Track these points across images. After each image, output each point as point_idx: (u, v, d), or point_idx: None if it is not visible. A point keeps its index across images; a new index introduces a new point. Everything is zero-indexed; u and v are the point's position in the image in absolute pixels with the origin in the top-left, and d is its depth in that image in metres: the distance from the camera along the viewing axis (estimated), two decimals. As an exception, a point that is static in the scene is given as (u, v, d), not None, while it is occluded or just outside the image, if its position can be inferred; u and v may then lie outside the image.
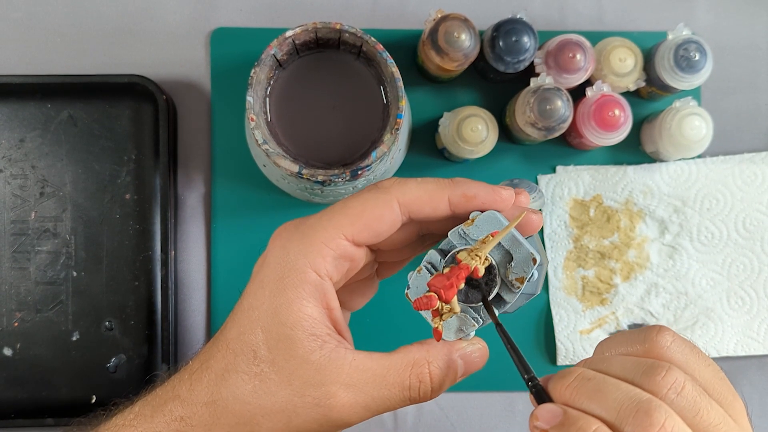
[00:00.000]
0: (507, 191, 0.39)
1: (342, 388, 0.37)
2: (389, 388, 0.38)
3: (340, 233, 0.38)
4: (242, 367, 0.38)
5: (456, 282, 0.37)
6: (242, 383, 0.38)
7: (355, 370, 0.37)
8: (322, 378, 0.37)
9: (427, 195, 0.38)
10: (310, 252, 0.38)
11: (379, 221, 0.38)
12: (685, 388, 0.34)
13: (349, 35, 0.54)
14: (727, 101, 0.68)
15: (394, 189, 0.39)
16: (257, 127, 0.53)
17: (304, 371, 0.37)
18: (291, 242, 0.38)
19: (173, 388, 0.40)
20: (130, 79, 0.62)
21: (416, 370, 0.38)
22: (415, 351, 0.39)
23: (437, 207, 0.39)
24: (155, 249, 0.62)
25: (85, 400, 0.62)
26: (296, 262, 0.38)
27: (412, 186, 0.39)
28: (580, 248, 0.66)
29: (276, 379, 0.37)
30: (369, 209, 0.38)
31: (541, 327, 0.66)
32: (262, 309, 0.38)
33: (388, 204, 0.38)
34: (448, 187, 0.39)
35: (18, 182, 0.63)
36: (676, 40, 0.61)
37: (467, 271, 0.37)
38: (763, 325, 0.67)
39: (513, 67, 0.60)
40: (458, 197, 0.39)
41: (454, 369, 0.40)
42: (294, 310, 0.37)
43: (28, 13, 0.65)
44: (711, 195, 0.66)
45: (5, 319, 0.62)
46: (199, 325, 0.65)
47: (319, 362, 0.37)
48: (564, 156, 0.67)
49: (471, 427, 0.66)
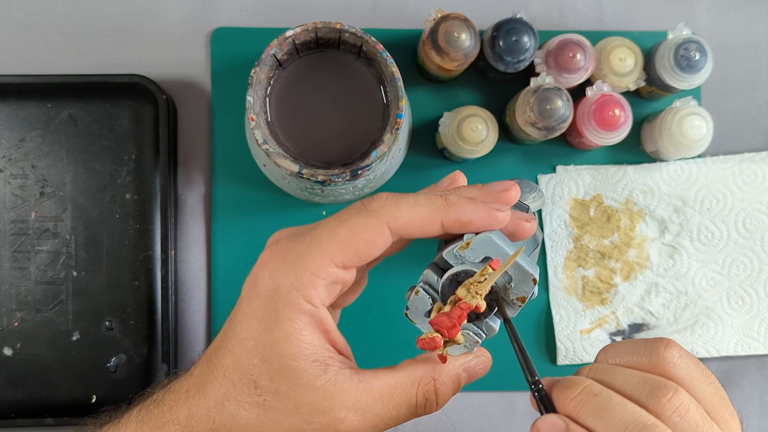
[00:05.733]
0: (503, 213, 0.38)
1: (350, 412, 0.37)
2: (396, 407, 0.38)
3: (329, 261, 0.37)
4: (243, 397, 0.38)
5: (459, 322, 0.37)
6: (245, 412, 0.38)
7: (362, 392, 0.37)
8: (329, 404, 0.37)
9: (418, 219, 0.37)
10: (301, 285, 0.37)
11: (369, 247, 0.37)
12: (689, 412, 0.34)
13: (349, 35, 0.54)
14: (727, 101, 0.68)
15: (384, 213, 0.37)
16: (257, 127, 0.53)
17: (311, 398, 0.37)
18: (280, 274, 0.38)
19: (170, 410, 0.39)
20: (131, 78, 0.62)
21: (423, 388, 0.39)
22: (420, 368, 0.39)
23: (430, 230, 0.38)
24: (155, 249, 0.62)
25: (85, 399, 0.62)
26: (289, 296, 0.37)
27: (404, 210, 0.37)
28: (580, 248, 0.66)
29: (281, 408, 0.37)
30: (359, 235, 0.37)
31: (541, 326, 0.66)
32: (259, 341, 0.38)
33: (378, 230, 0.37)
34: (442, 210, 0.37)
35: (18, 182, 0.63)
36: (676, 40, 0.61)
37: (468, 310, 0.37)
38: (763, 324, 0.67)
39: (513, 67, 0.60)
40: (452, 222, 0.37)
41: (458, 382, 0.40)
42: (294, 342, 0.37)
43: (28, 13, 0.65)
44: (711, 195, 0.66)
45: (5, 319, 0.62)
46: (199, 325, 0.65)
47: (325, 387, 0.37)
48: (564, 156, 0.67)
49: (471, 427, 0.66)
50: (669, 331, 0.66)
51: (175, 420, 0.39)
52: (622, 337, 0.66)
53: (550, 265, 0.66)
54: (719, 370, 0.67)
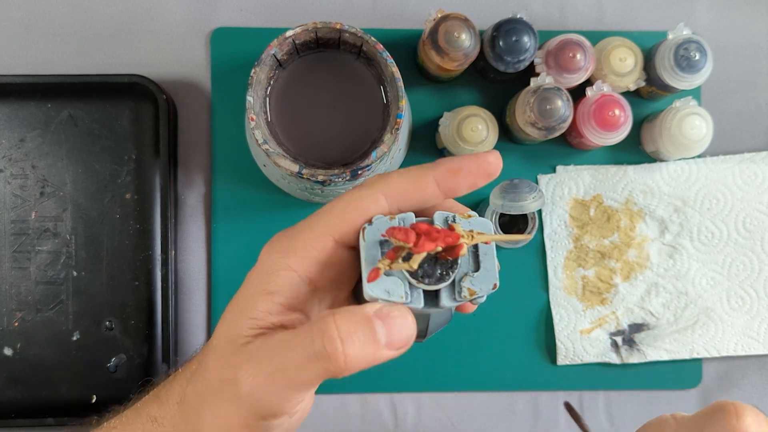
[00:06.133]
0: (492, 155, 0.38)
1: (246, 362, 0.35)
2: (295, 357, 0.34)
3: (326, 233, 0.36)
4: (204, 360, 0.38)
5: (441, 240, 0.34)
6: (200, 376, 0.38)
7: (262, 342, 0.35)
8: (236, 359, 0.36)
9: (411, 181, 0.37)
10: (293, 252, 0.37)
11: (365, 216, 0.36)
12: None
13: (349, 35, 0.54)
14: (727, 101, 0.68)
15: (378, 183, 0.37)
16: (257, 127, 0.53)
17: (229, 355, 0.36)
18: (274, 245, 0.37)
19: (157, 391, 0.40)
20: (131, 78, 0.62)
21: (319, 324, 0.33)
22: (324, 312, 0.35)
23: (425, 190, 0.37)
24: (155, 249, 0.62)
25: (85, 400, 0.62)
26: (277, 262, 0.37)
27: (394, 177, 0.37)
28: (581, 248, 0.66)
29: (212, 366, 0.37)
30: (353, 206, 0.37)
31: (541, 327, 0.66)
32: (232, 305, 0.38)
33: (372, 197, 0.37)
34: (432, 168, 0.37)
35: (18, 182, 0.63)
36: (677, 40, 0.61)
37: (456, 241, 0.34)
38: (764, 324, 0.67)
39: (513, 67, 0.60)
40: (444, 174, 0.37)
41: (370, 327, 0.33)
42: (251, 301, 0.36)
43: (28, 13, 0.65)
44: (711, 195, 0.66)
45: (5, 319, 0.62)
46: (199, 325, 0.65)
47: (241, 346, 0.36)
48: (564, 156, 0.67)
49: (471, 427, 0.66)
50: (669, 331, 0.66)
51: (156, 398, 0.40)
52: (622, 337, 0.66)
53: (550, 265, 0.66)
54: (719, 370, 0.67)
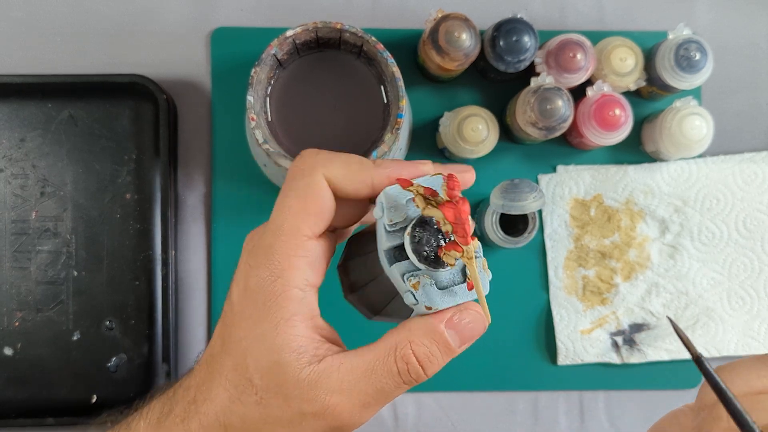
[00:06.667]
0: (427, 165, 0.38)
1: (335, 395, 0.37)
2: (380, 380, 0.37)
3: (299, 236, 0.37)
4: (245, 398, 0.38)
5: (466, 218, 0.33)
6: (249, 411, 0.38)
7: (344, 373, 0.37)
8: (315, 393, 0.37)
9: (350, 172, 0.37)
10: (282, 271, 0.37)
11: (323, 203, 0.37)
12: None
13: (349, 35, 0.54)
14: (727, 101, 0.68)
15: (319, 167, 0.37)
16: (258, 127, 0.53)
17: (298, 390, 0.37)
18: (260, 268, 0.38)
19: (183, 422, 0.39)
20: (131, 78, 0.62)
21: (400, 352, 0.36)
22: (395, 334, 0.37)
23: (359, 186, 0.37)
24: (155, 249, 0.62)
25: (85, 399, 0.62)
26: (273, 287, 0.37)
27: (336, 162, 0.38)
28: (581, 248, 0.66)
29: (275, 404, 0.37)
30: (308, 199, 0.37)
31: (541, 326, 0.66)
32: (249, 339, 0.38)
33: (321, 184, 0.37)
34: (372, 168, 0.37)
35: (19, 182, 0.63)
36: (677, 40, 0.61)
37: (467, 209, 0.33)
38: (764, 325, 0.67)
39: (513, 67, 0.60)
40: (381, 178, 0.37)
41: (443, 341, 0.37)
42: (279, 333, 0.37)
43: (28, 13, 0.65)
44: (711, 195, 0.66)
45: (6, 319, 0.62)
46: (199, 325, 0.65)
47: (309, 378, 0.37)
48: (564, 155, 0.67)
49: (471, 426, 0.66)
50: (669, 331, 0.66)
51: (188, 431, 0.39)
52: (623, 337, 0.66)
53: (550, 265, 0.66)
54: (720, 370, 0.67)
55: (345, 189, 0.38)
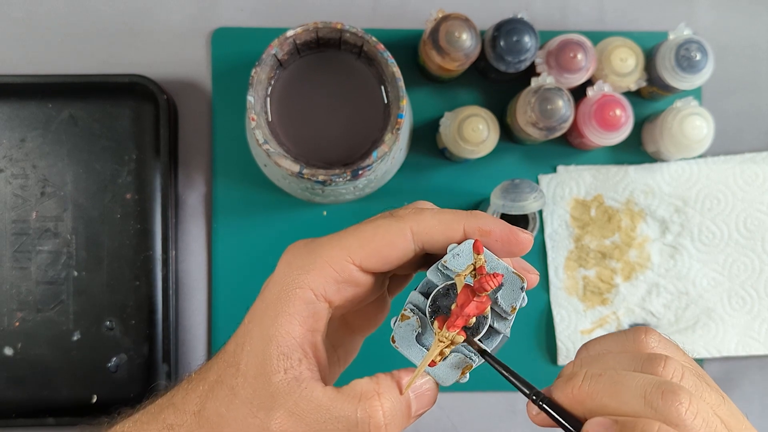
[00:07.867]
0: (525, 234, 0.38)
1: (285, 414, 0.36)
2: (333, 421, 0.36)
3: (347, 255, 0.37)
4: (227, 379, 0.38)
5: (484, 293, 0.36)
6: (223, 395, 0.37)
7: (302, 398, 0.36)
8: (272, 402, 0.36)
9: (442, 225, 0.37)
10: (312, 269, 0.37)
11: (391, 248, 0.37)
12: (685, 375, 0.34)
13: (350, 35, 0.54)
14: (728, 101, 0.68)
15: (409, 217, 0.37)
16: (258, 127, 0.53)
17: (263, 392, 0.36)
18: (296, 258, 0.38)
19: (171, 397, 0.40)
20: (131, 78, 0.62)
21: (365, 403, 0.36)
22: (364, 383, 0.37)
23: (451, 237, 0.37)
24: (156, 249, 0.62)
25: (85, 399, 0.62)
26: (297, 278, 0.37)
27: (427, 215, 0.38)
28: (581, 248, 0.66)
29: (243, 395, 0.37)
30: (381, 234, 0.37)
31: (541, 327, 0.66)
32: (255, 322, 0.38)
33: (401, 231, 0.37)
34: (465, 217, 0.38)
35: (19, 182, 0.63)
36: (677, 40, 0.61)
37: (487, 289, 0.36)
38: (764, 325, 0.67)
39: (514, 67, 0.60)
40: (473, 229, 0.37)
41: (407, 404, 0.37)
42: (277, 324, 0.37)
43: (28, 13, 0.65)
44: (712, 195, 0.66)
45: (6, 319, 0.62)
46: (199, 325, 0.65)
47: (276, 386, 0.36)
48: (565, 156, 0.67)
49: (471, 427, 0.66)
50: (670, 331, 0.66)
51: (171, 404, 0.39)
52: (623, 338, 0.66)
53: (550, 265, 0.66)
54: (720, 370, 0.67)
55: (437, 239, 0.38)
